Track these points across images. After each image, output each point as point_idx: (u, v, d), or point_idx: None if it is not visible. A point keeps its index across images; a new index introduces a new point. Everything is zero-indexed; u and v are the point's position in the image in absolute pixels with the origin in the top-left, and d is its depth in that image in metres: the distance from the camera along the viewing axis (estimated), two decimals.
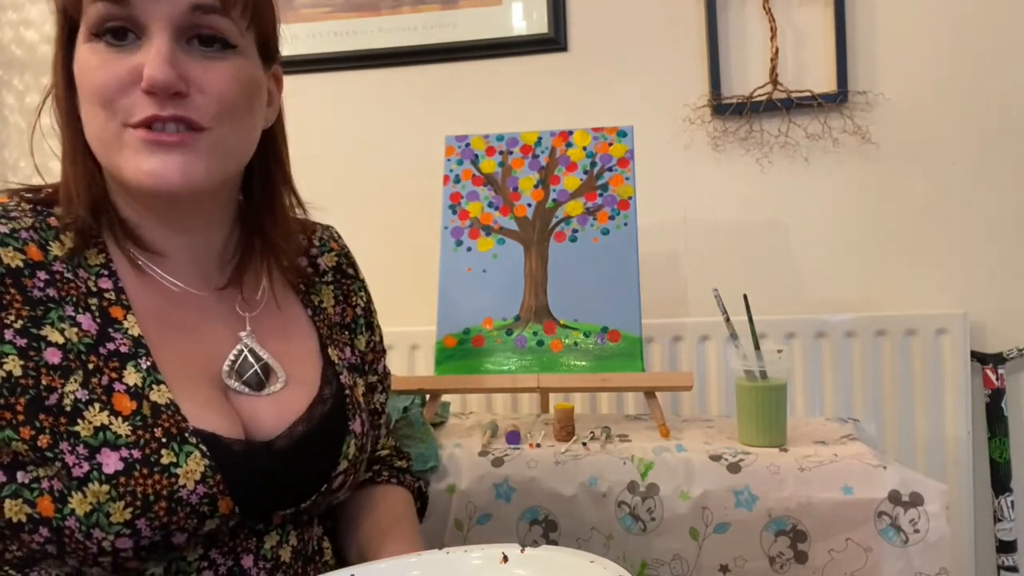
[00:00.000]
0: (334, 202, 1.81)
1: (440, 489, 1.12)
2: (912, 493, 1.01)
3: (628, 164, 1.33)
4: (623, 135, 1.34)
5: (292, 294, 0.80)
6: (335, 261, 0.87)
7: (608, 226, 1.29)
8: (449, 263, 1.31)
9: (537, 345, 1.25)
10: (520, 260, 1.30)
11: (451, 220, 1.34)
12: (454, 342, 1.27)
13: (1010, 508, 1.58)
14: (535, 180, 1.34)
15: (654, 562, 1.06)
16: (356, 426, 0.76)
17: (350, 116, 1.80)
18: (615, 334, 1.24)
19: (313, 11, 1.78)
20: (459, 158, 1.37)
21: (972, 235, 1.63)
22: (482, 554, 0.63)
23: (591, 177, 1.33)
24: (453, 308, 1.29)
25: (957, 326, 1.58)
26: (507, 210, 1.33)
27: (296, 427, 0.70)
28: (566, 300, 1.27)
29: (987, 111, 1.61)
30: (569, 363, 1.23)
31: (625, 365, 1.21)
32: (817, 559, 1.02)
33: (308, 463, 0.71)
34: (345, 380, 0.78)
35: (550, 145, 1.36)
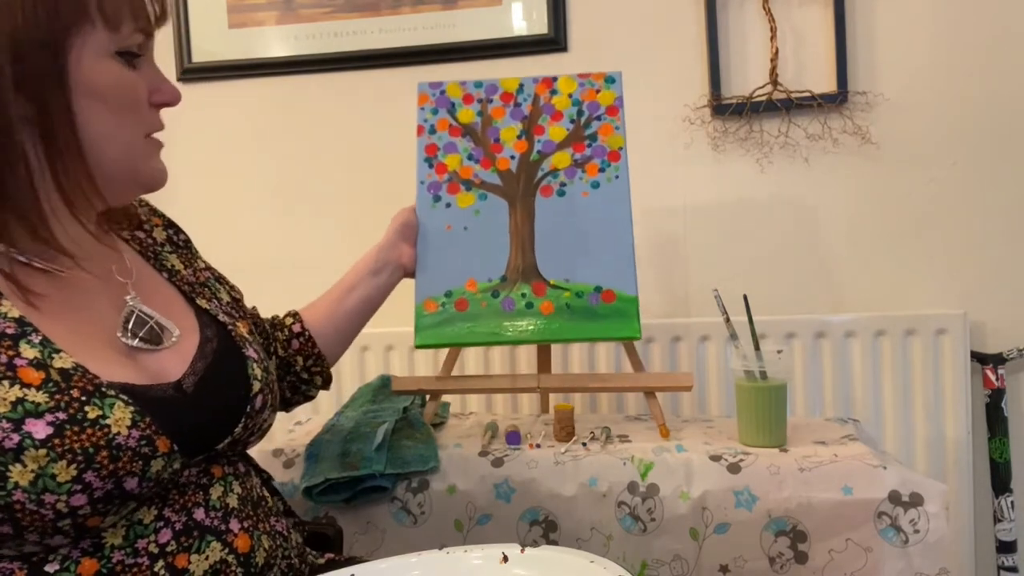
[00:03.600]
0: (335, 202, 1.82)
1: (440, 489, 1.12)
2: (912, 493, 1.01)
3: (617, 112, 1.25)
4: (611, 81, 1.26)
5: (144, 262, 0.85)
6: (165, 234, 0.92)
7: (598, 179, 1.22)
8: (427, 221, 1.22)
9: (526, 308, 1.18)
10: (504, 216, 1.22)
11: (427, 174, 1.25)
12: (435, 306, 1.18)
13: (1010, 508, 1.58)
14: (518, 130, 1.26)
15: (654, 562, 1.06)
16: (251, 352, 0.83)
17: (350, 116, 1.80)
18: (609, 294, 1.17)
19: (313, 11, 1.78)
20: (434, 107, 1.29)
21: (972, 235, 1.63)
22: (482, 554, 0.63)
23: (578, 127, 1.25)
24: (433, 269, 1.20)
25: (957, 326, 1.58)
26: (488, 163, 1.24)
27: (196, 364, 0.76)
28: (555, 259, 1.19)
29: (987, 111, 1.61)
30: (561, 326, 1.17)
31: (621, 327, 1.15)
32: (817, 559, 1.02)
33: (221, 393, 0.77)
34: (224, 319, 0.84)
35: (533, 92, 1.27)
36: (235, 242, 1.83)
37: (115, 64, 0.71)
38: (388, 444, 1.15)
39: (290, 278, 1.80)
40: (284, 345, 1.09)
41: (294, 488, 1.13)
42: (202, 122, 1.84)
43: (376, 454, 1.12)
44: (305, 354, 1.10)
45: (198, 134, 1.84)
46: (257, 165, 1.83)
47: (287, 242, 1.83)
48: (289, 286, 1.74)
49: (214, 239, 1.25)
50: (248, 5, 1.80)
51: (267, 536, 0.78)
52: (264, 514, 0.80)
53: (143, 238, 0.88)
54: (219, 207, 1.85)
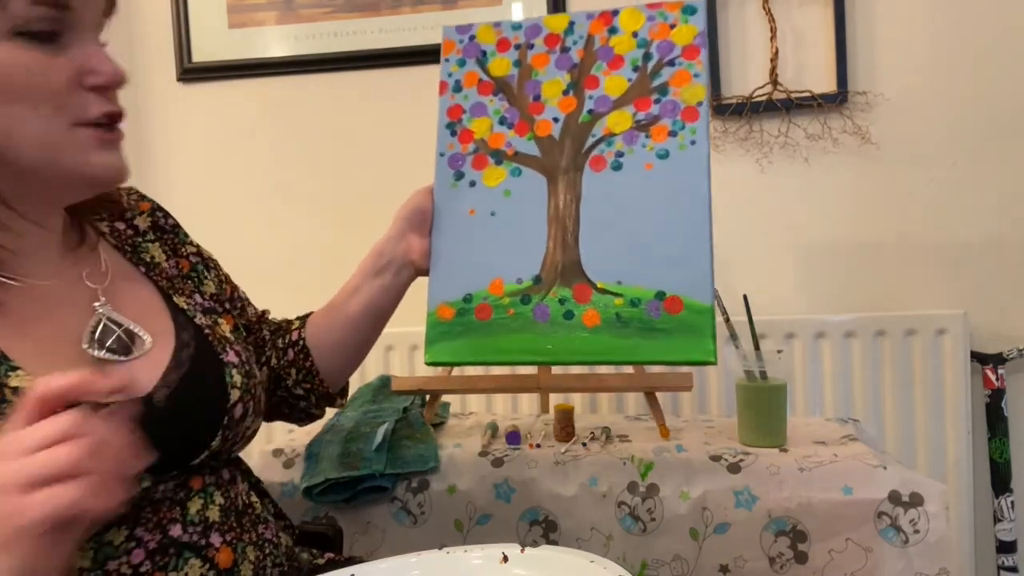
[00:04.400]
0: (335, 202, 1.82)
1: (440, 489, 1.12)
2: (912, 493, 1.01)
3: (698, 54, 0.94)
4: (691, 11, 0.95)
5: (121, 257, 0.79)
6: (150, 220, 0.85)
7: (668, 145, 0.92)
8: (446, 204, 0.96)
9: (564, 318, 0.90)
10: (543, 198, 0.94)
11: (448, 144, 0.98)
12: (451, 313, 0.93)
13: (1010, 508, 1.58)
14: (564, 83, 0.97)
15: (654, 562, 1.06)
16: (231, 357, 0.76)
17: (350, 116, 1.80)
18: (675, 302, 0.87)
19: (313, 11, 1.78)
20: (460, 56, 1.01)
21: (972, 235, 1.63)
22: (482, 554, 0.63)
23: (644, 75, 0.95)
24: (450, 266, 0.94)
25: (957, 326, 1.58)
26: (525, 127, 0.96)
27: (169, 375, 0.71)
28: (606, 254, 0.91)
29: (987, 111, 1.61)
30: (609, 343, 0.88)
31: (689, 347, 0.85)
32: (817, 559, 1.02)
33: (196, 405, 0.72)
34: (201, 321, 0.78)
35: (586, 32, 0.97)
36: (235, 242, 1.83)
37: (14, 47, 0.61)
38: (388, 444, 1.15)
39: (290, 278, 1.80)
40: (280, 353, 0.97)
41: (294, 488, 1.13)
42: (202, 122, 1.84)
43: (376, 454, 1.12)
44: (298, 366, 0.96)
45: (198, 134, 1.84)
46: (257, 165, 1.83)
47: (287, 242, 1.83)
48: (289, 287, 1.74)
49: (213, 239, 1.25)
50: (248, 5, 1.80)
51: (253, 547, 0.75)
52: (251, 523, 0.77)
53: (123, 230, 0.82)
54: (219, 207, 1.85)
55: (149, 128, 1.84)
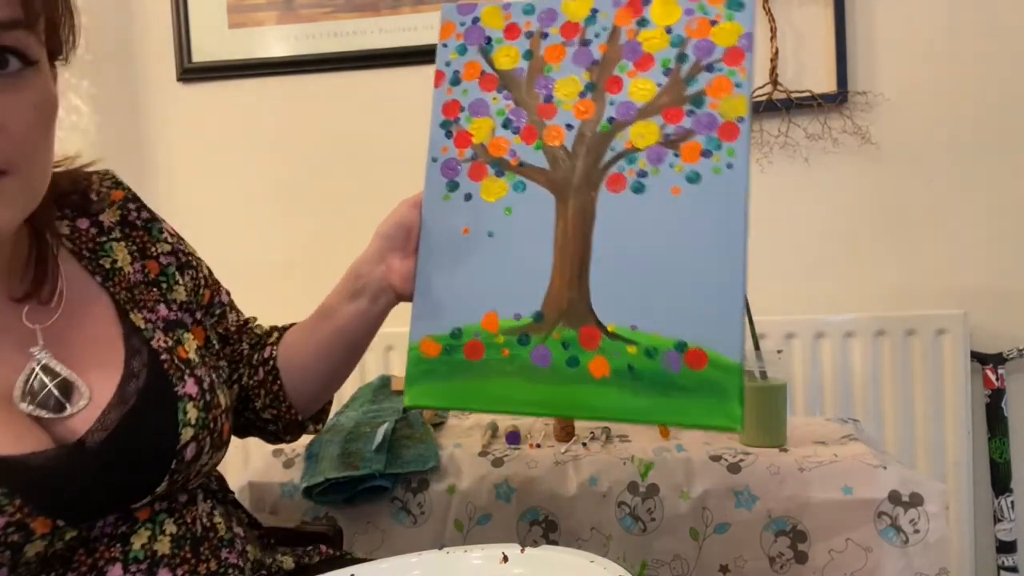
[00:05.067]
0: (335, 202, 1.82)
1: (440, 489, 1.12)
2: (912, 493, 1.01)
3: (742, 58, 0.78)
4: (737, 6, 0.79)
5: (77, 265, 0.71)
6: (119, 214, 0.76)
7: (700, 168, 0.76)
8: (436, 218, 0.82)
9: (568, 365, 0.76)
10: (549, 219, 0.79)
11: (442, 147, 0.83)
12: (436, 349, 0.80)
13: (1010, 508, 1.58)
14: (582, 83, 0.81)
15: (654, 562, 1.06)
16: (189, 387, 0.68)
17: (350, 116, 1.80)
18: (698, 355, 0.74)
19: (313, 11, 1.78)
20: (461, 42, 0.85)
21: (972, 235, 1.63)
22: (482, 554, 0.63)
23: (676, 80, 0.78)
24: (436, 294, 0.81)
25: (957, 326, 1.58)
26: (533, 133, 0.81)
27: (107, 415, 0.63)
28: (620, 292, 0.77)
29: (987, 111, 1.61)
30: (619, 400, 0.75)
31: (711, 410, 0.73)
32: (817, 559, 1.02)
33: (138, 448, 0.64)
34: (159, 343, 0.69)
35: (611, 23, 0.80)
36: (234, 242, 1.83)
37: None
38: (388, 444, 1.16)
39: (288, 279, 1.80)
40: (252, 371, 0.85)
41: (294, 488, 1.13)
42: (202, 122, 1.84)
43: (376, 454, 1.12)
44: (266, 388, 0.84)
45: (198, 134, 1.84)
46: (257, 165, 1.83)
47: (287, 242, 1.83)
48: (287, 287, 1.74)
49: (213, 239, 1.25)
50: (248, 5, 1.80)
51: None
52: (211, 550, 0.70)
53: (84, 229, 0.73)
54: (218, 207, 1.84)
55: (149, 128, 1.84)
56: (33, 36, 0.57)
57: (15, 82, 0.56)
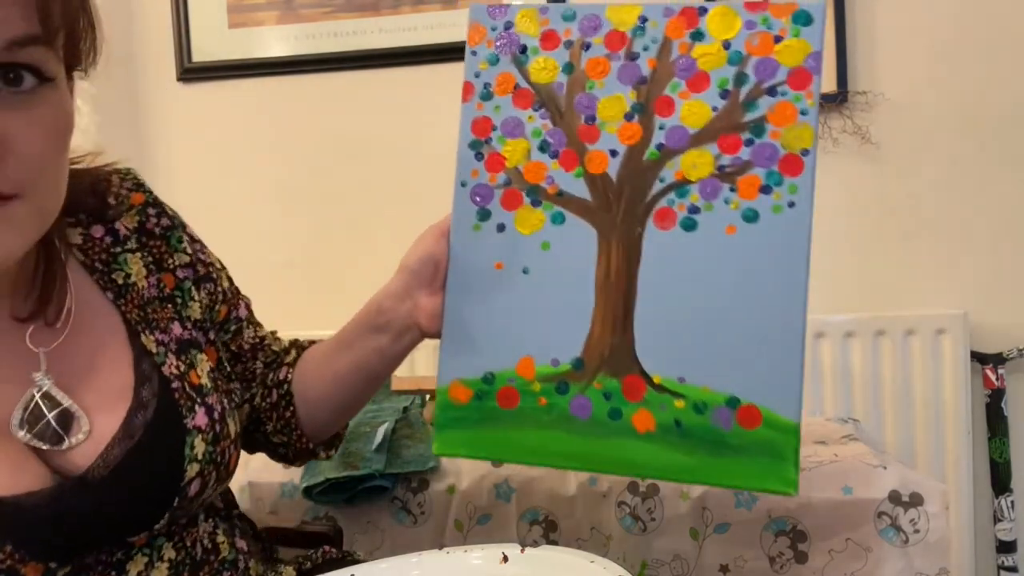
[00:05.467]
0: (335, 202, 1.82)
1: (440, 489, 1.12)
2: (912, 493, 1.01)
3: (809, 82, 0.68)
4: (805, 20, 0.69)
5: (88, 279, 0.67)
6: (137, 220, 0.71)
7: (758, 205, 0.69)
8: (466, 250, 0.74)
9: (610, 417, 0.71)
10: (590, 256, 0.72)
11: (472, 170, 0.74)
12: (467, 394, 0.74)
13: (1010, 508, 1.58)
14: (628, 103, 0.72)
15: (654, 562, 1.06)
16: (199, 419, 0.64)
17: (350, 116, 1.80)
18: (752, 413, 0.69)
19: (313, 11, 1.78)
20: (492, 51, 0.75)
21: (972, 235, 1.63)
22: (482, 554, 0.63)
23: (734, 104, 0.70)
24: (467, 335, 0.74)
25: (957, 326, 1.58)
26: (573, 159, 0.73)
27: (111, 450, 0.60)
28: (668, 340, 0.70)
29: (987, 111, 1.61)
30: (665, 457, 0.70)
31: (765, 472, 0.68)
32: (817, 559, 1.02)
33: (140, 484, 0.61)
34: (170, 369, 0.65)
35: (661, 34, 0.71)
36: (234, 242, 1.82)
37: None
38: (388, 444, 1.16)
39: (289, 279, 1.80)
40: (266, 392, 0.81)
41: (294, 488, 1.14)
42: (202, 122, 1.84)
43: (376, 454, 1.12)
44: (279, 414, 0.80)
45: (198, 134, 1.84)
46: (257, 165, 1.83)
47: (286, 242, 1.83)
48: (288, 287, 1.75)
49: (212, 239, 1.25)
50: (248, 5, 1.80)
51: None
52: (211, 574, 0.67)
53: (98, 239, 0.69)
54: (218, 207, 1.85)
55: (149, 128, 1.84)
56: (51, 52, 0.53)
57: (30, 99, 0.53)
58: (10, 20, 0.50)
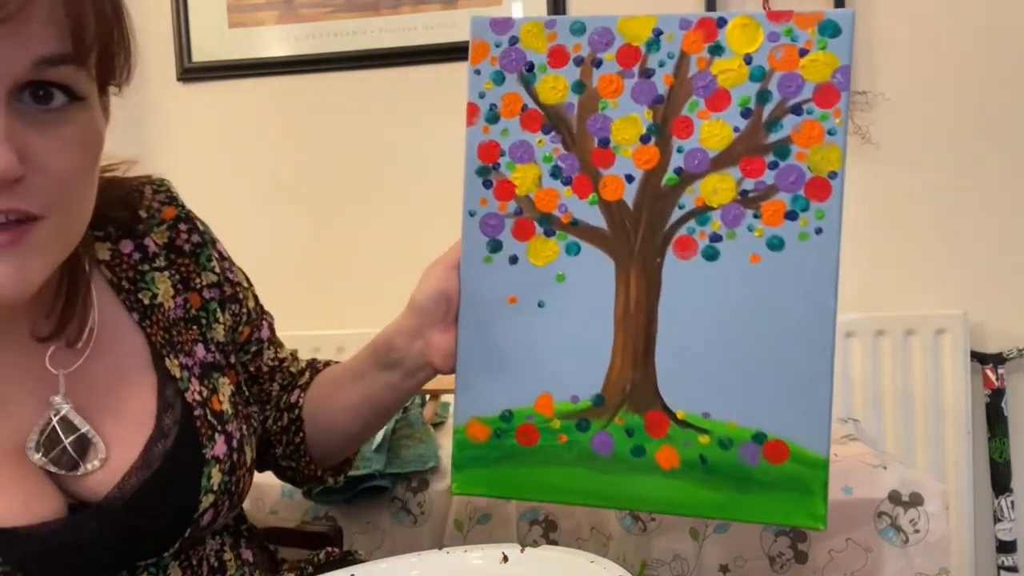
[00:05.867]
0: (335, 201, 1.82)
1: (440, 489, 1.12)
2: (912, 493, 1.01)
3: (837, 99, 0.65)
4: (832, 31, 0.64)
5: (114, 298, 0.65)
6: (167, 236, 0.69)
7: (783, 232, 0.67)
8: (477, 284, 0.71)
9: (633, 454, 0.69)
10: (608, 288, 0.69)
11: (480, 198, 0.70)
12: (485, 433, 0.71)
13: (1010, 508, 1.58)
14: (644, 125, 0.68)
15: (654, 562, 1.06)
16: (218, 448, 0.63)
17: (350, 116, 1.80)
18: (779, 448, 0.66)
19: (313, 11, 1.78)
20: (497, 68, 0.70)
21: (972, 235, 1.63)
22: (482, 554, 0.63)
23: (757, 124, 0.66)
24: (484, 371, 0.72)
25: (957, 326, 1.58)
26: (587, 185, 0.69)
27: (128, 480, 0.59)
28: (691, 375, 0.68)
29: (987, 111, 1.61)
30: (691, 493, 0.68)
31: (793, 507, 0.66)
32: (817, 559, 1.02)
33: (154, 515, 0.60)
34: (193, 396, 0.64)
35: (678, 48, 0.67)
36: (233, 242, 1.82)
37: None
38: (388, 444, 1.16)
39: (288, 280, 1.80)
40: (278, 415, 0.80)
41: (294, 488, 1.13)
42: (202, 122, 1.84)
43: (376, 454, 1.12)
44: (288, 438, 0.79)
45: (198, 134, 1.84)
46: (257, 165, 1.84)
47: (286, 242, 1.83)
48: (287, 288, 1.74)
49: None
50: (248, 5, 1.80)
51: None
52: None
53: (126, 254, 0.67)
54: (218, 207, 1.84)
55: (149, 128, 1.84)
56: (83, 71, 0.52)
57: (59, 118, 0.51)
58: (41, 37, 0.48)
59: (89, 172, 0.55)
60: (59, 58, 0.49)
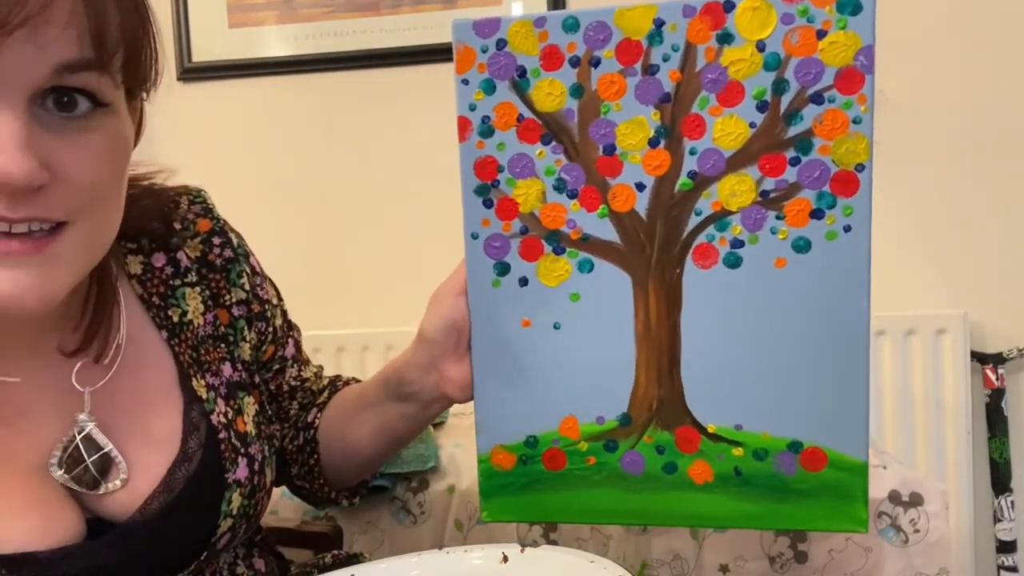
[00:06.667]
0: (335, 201, 1.82)
1: (440, 489, 1.12)
2: (912, 493, 1.01)
3: (861, 83, 0.59)
4: (852, 8, 0.58)
5: (144, 314, 0.64)
6: (200, 250, 0.68)
7: (809, 232, 0.62)
8: (487, 310, 0.68)
9: (665, 471, 0.67)
10: (626, 305, 0.66)
11: (482, 219, 0.66)
12: (511, 461, 0.69)
13: (1010, 508, 1.58)
14: (651, 127, 0.63)
15: (654, 562, 1.06)
16: (240, 472, 0.62)
17: (350, 116, 1.80)
18: (816, 456, 0.64)
19: (313, 11, 1.78)
20: (486, 76, 0.64)
21: (972, 235, 1.63)
22: (482, 554, 0.63)
23: (774, 117, 0.61)
24: (504, 399, 0.69)
25: (957, 326, 1.58)
26: (595, 197, 0.64)
27: (151, 503, 0.58)
28: (720, 387, 0.65)
29: (987, 111, 1.61)
30: (728, 507, 0.66)
31: (834, 513, 0.64)
32: (817, 559, 1.02)
33: (173, 538, 0.59)
34: (218, 418, 0.63)
35: (682, 39, 0.61)
36: None
37: None
38: None
39: (289, 280, 1.79)
40: (295, 435, 0.79)
41: None
42: (202, 122, 1.84)
43: None
44: (303, 459, 0.78)
45: (197, 134, 1.84)
46: (257, 165, 1.84)
47: (286, 242, 1.83)
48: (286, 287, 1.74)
49: None
50: (248, 5, 1.80)
51: None
52: None
53: (159, 268, 0.66)
54: (217, 206, 1.84)
55: (149, 128, 1.84)
56: (106, 77, 0.50)
57: (84, 125, 0.50)
58: (61, 42, 0.47)
59: (115, 180, 0.54)
60: (80, 64, 0.48)
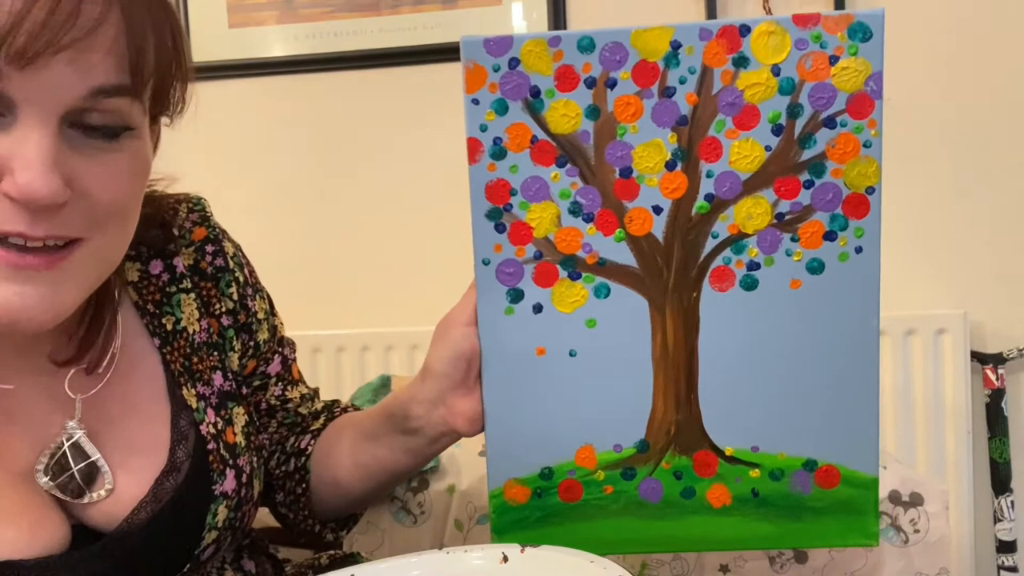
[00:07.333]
0: (335, 201, 1.82)
1: (440, 489, 1.12)
2: (912, 493, 1.01)
3: (871, 108, 0.61)
4: (863, 35, 0.60)
5: (138, 321, 0.64)
6: (193, 258, 0.68)
7: (823, 254, 0.63)
8: (499, 339, 0.66)
9: (683, 496, 0.67)
10: (643, 329, 0.66)
11: (494, 245, 0.65)
12: (525, 494, 0.68)
13: (1010, 508, 1.58)
14: (668, 149, 0.63)
15: (654, 562, 1.06)
16: (227, 485, 0.62)
17: (350, 116, 1.80)
18: (830, 473, 0.66)
19: (313, 11, 1.78)
20: (498, 96, 0.62)
21: (972, 235, 1.63)
22: (482, 554, 0.63)
23: (789, 140, 0.62)
24: (516, 430, 0.67)
25: (957, 326, 1.58)
26: (611, 221, 0.64)
27: (137, 513, 0.58)
28: (737, 410, 0.66)
29: (987, 111, 1.61)
30: (746, 528, 0.67)
31: (847, 529, 0.67)
32: (817, 559, 1.02)
33: (157, 549, 0.59)
34: (207, 428, 0.62)
35: (699, 62, 0.62)
36: None
37: None
38: None
39: (289, 280, 1.80)
40: (282, 459, 0.77)
41: None
42: (201, 122, 1.84)
43: None
44: (290, 487, 0.75)
45: (197, 134, 1.84)
46: (256, 165, 1.84)
47: (286, 242, 1.83)
48: (286, 288, 1.74)
49: None
50: (248, 5, 1.80)
51: None
52: None
53: (155, 276, 0.66)
54: (217, 207, 1.84)
55: None
56: (137, 103, 0.52)
57: (108, 146, 0.51)
58: (101, 67, 0.48)
59: (133, 200, 0.55)
60: (115, 89, 0.49)
